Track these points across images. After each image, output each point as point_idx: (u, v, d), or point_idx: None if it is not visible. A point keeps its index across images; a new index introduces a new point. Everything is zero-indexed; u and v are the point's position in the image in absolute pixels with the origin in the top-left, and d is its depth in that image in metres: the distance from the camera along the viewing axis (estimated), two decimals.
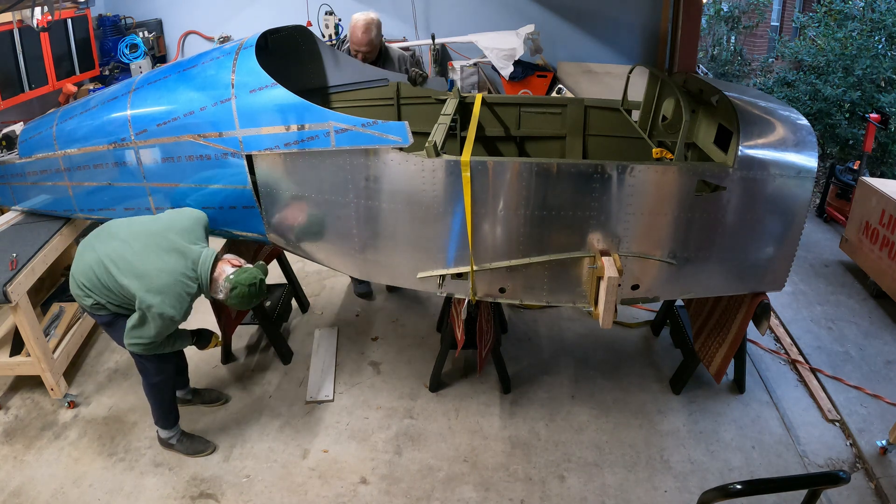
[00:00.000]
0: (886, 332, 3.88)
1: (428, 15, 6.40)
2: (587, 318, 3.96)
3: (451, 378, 3.44)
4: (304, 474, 2.84)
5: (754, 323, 2.84)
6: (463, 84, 5.80)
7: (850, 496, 2.71)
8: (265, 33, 2.95)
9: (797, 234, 2.63)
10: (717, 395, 3.31)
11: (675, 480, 2.81)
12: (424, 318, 4.01)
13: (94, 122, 2.94)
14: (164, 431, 2.91)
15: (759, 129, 2.55)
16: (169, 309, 2.39)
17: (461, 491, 2.76)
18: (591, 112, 3.59)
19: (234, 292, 2.45)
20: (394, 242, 2.71)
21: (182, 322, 2.51)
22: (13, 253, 3.06)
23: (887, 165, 7.01)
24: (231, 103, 2.64)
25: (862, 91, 7.33)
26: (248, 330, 3.83)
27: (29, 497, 2.72)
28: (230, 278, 2.46)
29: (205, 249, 2.52)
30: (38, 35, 4.74)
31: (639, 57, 6.39)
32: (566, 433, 3.07)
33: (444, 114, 3.07)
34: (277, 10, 6.26)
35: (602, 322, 2.57)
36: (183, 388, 3.19)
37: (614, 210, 2.54)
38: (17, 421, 3.15)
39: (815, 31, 8.77)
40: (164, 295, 2.38)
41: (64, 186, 3.13)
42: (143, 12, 6.40)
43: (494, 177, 2.51)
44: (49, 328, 3.36)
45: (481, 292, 2.76)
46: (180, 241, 2.49)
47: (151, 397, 2.81)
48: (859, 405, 3.23)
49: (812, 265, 4.70)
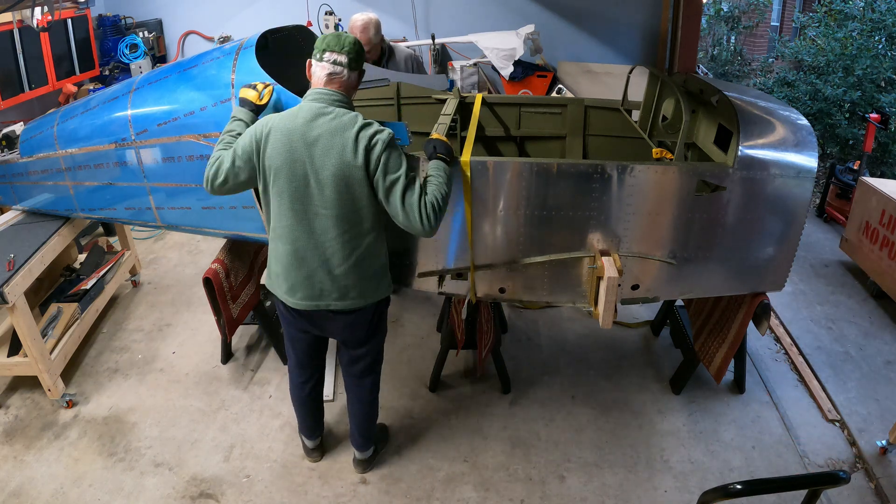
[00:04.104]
0: (886, 332, 3.88)
1: (428, 15, 6.40)
2: (587, 318, 3.96)
3: (451, 378, 3.44)
4: (304, 474, 2.84)
5: (754, 323, 2.84)
6: (463, 84, 5.80)
7: (850, 496, 2.71)
8: (265, 33, 2.95)
9: (797, 234, 2.63)
10: (717, 395, 3.31)
11: (675, 480, 2.81)
12: (424, 318, 4.01)
13: (95, 122, 2.94)
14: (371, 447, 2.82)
15: (760, 129, 2.55)
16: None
17: (461, 491, 2.76)
18: (591, 112, 3.59)
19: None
20: (393, 242, 2.70)
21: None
22: (11, 253, 3.06)
23: (887, 165, 7.01)
24: (231, 103, 2.64)
25: (862, 91, 7.34)
26: (248, 330, 3.84)
27: (29, 497, 2.72)
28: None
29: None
30: (38, 35, 4.74)
31: (639, 57, 6.39)
32: (566, 433, 3.07)
33: (444, 114, 3.06)
34: (278, 10, 6.26)
35: (602, 322, 2.57)
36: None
37: (614, 210, 2.54)
38: (17, 421, 3.15)
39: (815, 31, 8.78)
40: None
41: (65, 186, 3.14)
42: (143, 12, 6.40)
43: (494, 177, 2.51)
44: (47, 329, 3.36)
45: (481, 292, 2.76)
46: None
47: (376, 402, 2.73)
48: (859, 405, 3.23)
49: (812, 265, 4.70)
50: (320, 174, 2.10)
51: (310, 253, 2.22)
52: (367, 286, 2.31)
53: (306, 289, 2.28)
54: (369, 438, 2.77)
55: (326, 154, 2.08)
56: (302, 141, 2.09)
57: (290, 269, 2.27)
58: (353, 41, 2.19)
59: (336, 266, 2.23)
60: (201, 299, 3.98)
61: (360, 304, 2.32)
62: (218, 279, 3.08)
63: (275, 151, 2.12)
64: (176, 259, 4.82)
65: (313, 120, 2.10)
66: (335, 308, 2.30)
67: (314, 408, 2.78)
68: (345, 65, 2.16)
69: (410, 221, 2.12)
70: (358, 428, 2.73)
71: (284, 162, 2.11)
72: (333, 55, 2.15)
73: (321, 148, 2.08)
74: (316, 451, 2.89)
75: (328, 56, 2.16)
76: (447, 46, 6.27)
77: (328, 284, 2.26)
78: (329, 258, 2.22)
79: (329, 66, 2.16)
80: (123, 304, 4.18)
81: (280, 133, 2.12)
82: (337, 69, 2.16)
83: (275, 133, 2.13)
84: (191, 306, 4.14)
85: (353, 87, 2.23)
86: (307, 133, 2.09)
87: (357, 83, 2.25)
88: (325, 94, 2.16)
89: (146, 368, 3.54)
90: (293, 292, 2.30)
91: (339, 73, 2.17)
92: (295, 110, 2.16)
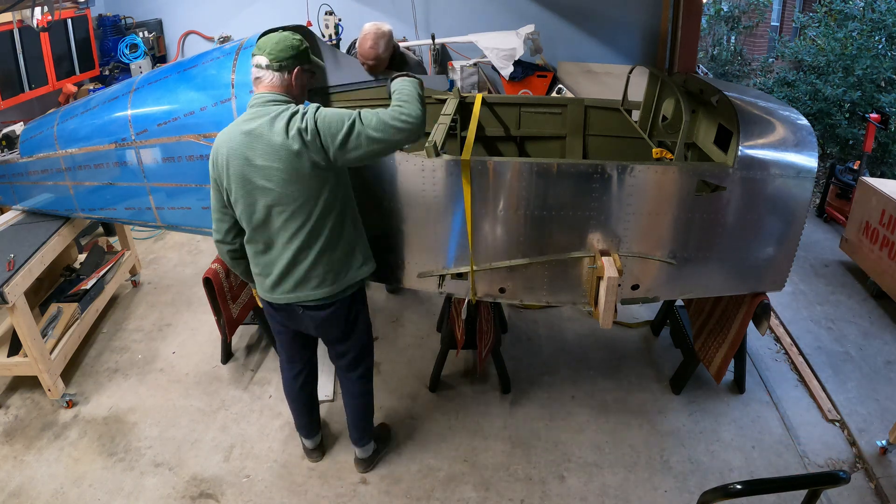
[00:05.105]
0: (886, 332, 3.88)
1: (428, 15, 6.40)
2: (587, 318, 3.96)
3: (451, 378, 3.44)
4: (304, 474, 2.84)
5: (754, 323, 2.84)
6: (463, 84, 5.79)
7: (850, 496, 2.71)
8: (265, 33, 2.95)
9: (797, 234, 2.63)
10: (717, 395, 3.31)
11: (675, 480, 2.81)
12: (424, 318, 4.01)
13: (95, 122, 2.94)
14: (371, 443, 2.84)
15: (760, 129, 2.55)
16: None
17: (461, 491, 2.76)
18: (591, 112, 3.58)
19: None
20: (394, 242, 2.71)
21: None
22: (11, 254, 3.06)
23: (887, 165, 7.01)
24: (231, 103, 2.64)
25: (862, 91, 7.33)
26: (249, 330, 3.84)
27: (29, 497, 2.72)
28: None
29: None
30: (38, 35, 4.75)
31: (639, 57, 6.39)
32: (566, 433, 3.07)
33: (444, 114, 3.06)
34: (278, 10, 6.26)
35: (602, 322, 2.57)
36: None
37: (614, 210, 2.54)
38: (17, 421, 3.15)
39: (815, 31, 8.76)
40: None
41: (65, 186, 3.14)
42: (143, 12, 6.40)
43: (495, 177, 2.51)
44: (47, 329, 3.36)
45: (481, 292, 2.76)
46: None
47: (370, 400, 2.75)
48: (859, 405, 3.23)
49: (812, 265, 4.70)
50: (268, 174, 2.11)
51: (277, 251, 2.25)
52: (338, 273, 2.31)
53: (281, 284, 2.30)
54: (364, 432, 2.77)
55: (268, 154, 2.09)
56: (245, 147, 2.11)
57: (265, 268, 2.31)
58: (277, 40, 2.18)
59: (304, 260, 2.24)
60: (201, 299, 3.98)
61: (333, 292, 2.32)
62: (218, 279, 3.08)
63: (225, 163, 2.15)
64: (176, 259, 4.82)
65: (252, 123, 2.12)
66: (309, 302, 2.32)
67: (308, 404, 2.78)
68: (265, 66, 2.17)
69: (389, 138, 2.09)
70: (352, 421, 2.74)
71: (235, 171, 2.14)
72: (255, 58, 2.18)
73: (262, 149, 2.09)
74: (316, 451, 2.90)
75: (252, 61, 2.20)
76: (447, 46, 6.27)
77: (299, 278, 2.27)
78: (296, 254, 2.23)
79: (254, 69, 2.19)
80: (123, 304, 4.18)
81: (225, 144, 2.15)
82: (258, 72, 2.18)
83: (221, 145, 2.17)
84: (191, 306, 4.14)
85: (287, 86, 2.21)
86: (248, 138, 2.11)
87: (292, 80, 2.21)
88: (260, 97, 2.18)
89: (146, 368, 3.54)
90: (270, 288, 2.34)
91: (260, 75, 2.19)
92: (239, 118, 2.19)
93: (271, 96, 2.16)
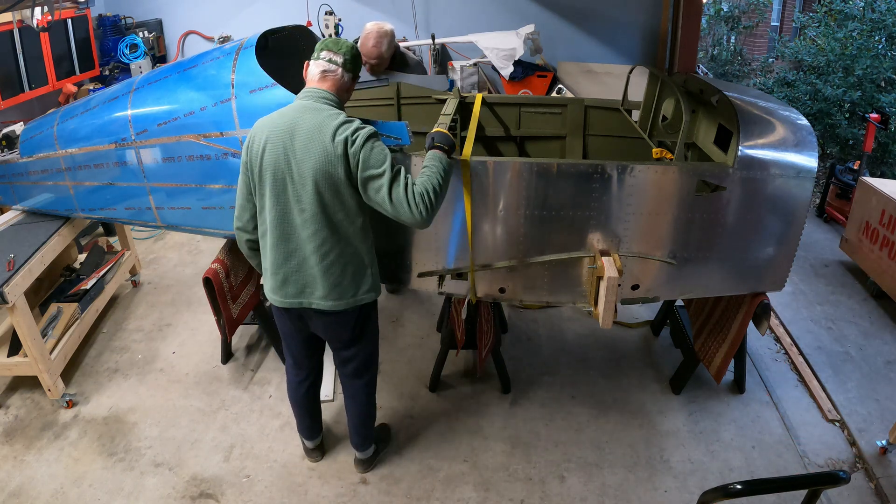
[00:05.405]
0: (886, 332, 3.88)
1: (428, 15, 6.40)
2: (587, 318, 3.96)
3: (451, 378, 3.44)
4: (304, 474, 2.84)
5: (754, 323, 2.84)
6: (463, 84, 5.79)
7: (850, 496, 2.71)
8: (265, 33, 2.95)
9: (797, 234, 2.63)
10: (717, 395, 3.31)
11: (675, 480, 2.81)
12: (424, 318, 4.01)
13: (95, 122, 2.94)
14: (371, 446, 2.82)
15: (760, 129, 2.55)
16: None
17: (461, 491, 2.76)
18: (591, 112, 3.59)
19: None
20: (394, 242, 2.71)
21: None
22: (11, 254, 3.06)
23: (887, 165, 7.01)
24: (231, 103, 2.64)
25: (862, 91, 7.33)
26: (249, 330, 3.84)
27: (29, 497, 2.72)
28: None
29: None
30: (38, 35, 4.74)
31: (639, 57, 6.39)
32: (566, 433, 3.07)
33: (444, 114, 3.06)
34: (278, 10, 6.26)
35: (602, 322, 2.57)
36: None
37: (614, 210, 2.54)
38: (17, 421, 3.15)
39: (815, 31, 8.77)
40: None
41: (65, 186, 3.14)
42: (143, 12, 6.40)
43: (495, 177, 2.51)
44: (47, 329, 3.36)
45: (481, 292, 2.76)
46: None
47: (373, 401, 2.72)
48: (859, 405, 3.23)
49: (812, 265, 4.70)
50: (301, 169, 2.10)
51: (291, 249, 2.23)
52: (346, 288, 2.28)
53: (290, 286, 2.28)
54: (366, 438, 2.77)
55: (307, 149, 2.08)
56: (286, 136, 2.10)
57: (275, 265, 2.28)
58: (352, 46, 2.21)
59: (315, 264, 2.22)
60: (201, 299, 3.98)
61: (339, 307, 2.30)
62: (218, 279, 3.08)
63: (261, 148, 2.13)
64: (176, 259, 4.82)
65: (299, 116, 2.11)
66: (317, 307, 2.30)
67: (311, 408, 2.77)
68: (339, 64, 2.18)
69: (400, 214, 2.10)
70: (354, 427, 2.73)
71: (269, 158, 2.12)
72: (330, 54, 2.18)
73: (302, 142, 2.08)
74: (316, 451, 2.89)
75: (324, 55, 2.18)
76: (447, 46, 6.26)
77: (309, 281, 2.26)
78: (308, 256, 2.22)
79: (324, 63, 2.18)
80: (123, 304, 4.18)
81: (266, 129, 2.14)
82: (331, 67, 2.18)
83: (261, 130, 2.15)
84: (191, 306, 4.14)
85: (345, 90, 2.24)
86: (291, 128, 2.10)
87: (350, 86, 2.26)
88: (315, 91, 2.17)
89: (146, 368, 3.54)
90: (278, 289, 2.31)
91: (332, 70, 2.18)
92: (285, 108, 2.18)
93: (327, 94, 2.17)
